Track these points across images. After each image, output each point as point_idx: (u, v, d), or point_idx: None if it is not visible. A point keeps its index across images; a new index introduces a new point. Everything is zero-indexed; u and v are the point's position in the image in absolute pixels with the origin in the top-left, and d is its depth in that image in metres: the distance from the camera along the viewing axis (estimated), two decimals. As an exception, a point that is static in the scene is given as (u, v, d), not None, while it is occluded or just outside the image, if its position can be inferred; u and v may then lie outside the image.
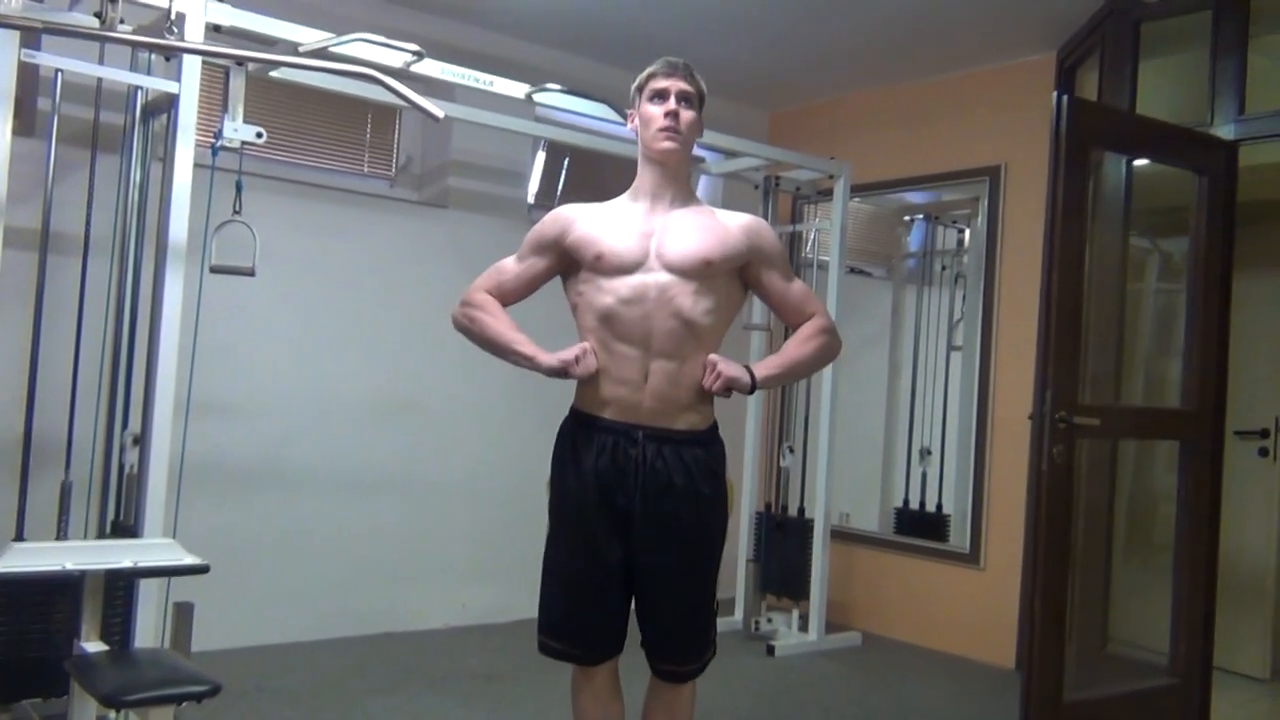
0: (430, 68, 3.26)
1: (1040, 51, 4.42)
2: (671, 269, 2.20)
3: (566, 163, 4.85)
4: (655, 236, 2.23)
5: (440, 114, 2.57)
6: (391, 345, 4.26)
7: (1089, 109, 3.21)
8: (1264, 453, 4.39)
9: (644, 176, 2.32)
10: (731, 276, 2.29)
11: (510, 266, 2.39)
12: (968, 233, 5.39)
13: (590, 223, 2.28)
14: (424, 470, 4.34)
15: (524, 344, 2.27)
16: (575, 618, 2.25)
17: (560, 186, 4.81)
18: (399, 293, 4.26)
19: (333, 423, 4.10)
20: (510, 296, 2.38)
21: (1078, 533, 3.22)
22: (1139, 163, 3.71)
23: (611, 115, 3.58)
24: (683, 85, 2.28)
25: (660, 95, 2.27)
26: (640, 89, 2.32)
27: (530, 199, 4.71)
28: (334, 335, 4.11)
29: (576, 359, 2.19)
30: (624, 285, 2.19)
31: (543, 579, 2.31)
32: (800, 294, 2.39)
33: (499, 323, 2.32)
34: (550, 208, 4.75)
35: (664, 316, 2.18)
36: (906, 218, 5.61)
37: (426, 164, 4.51)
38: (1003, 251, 4.54)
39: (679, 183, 2.32)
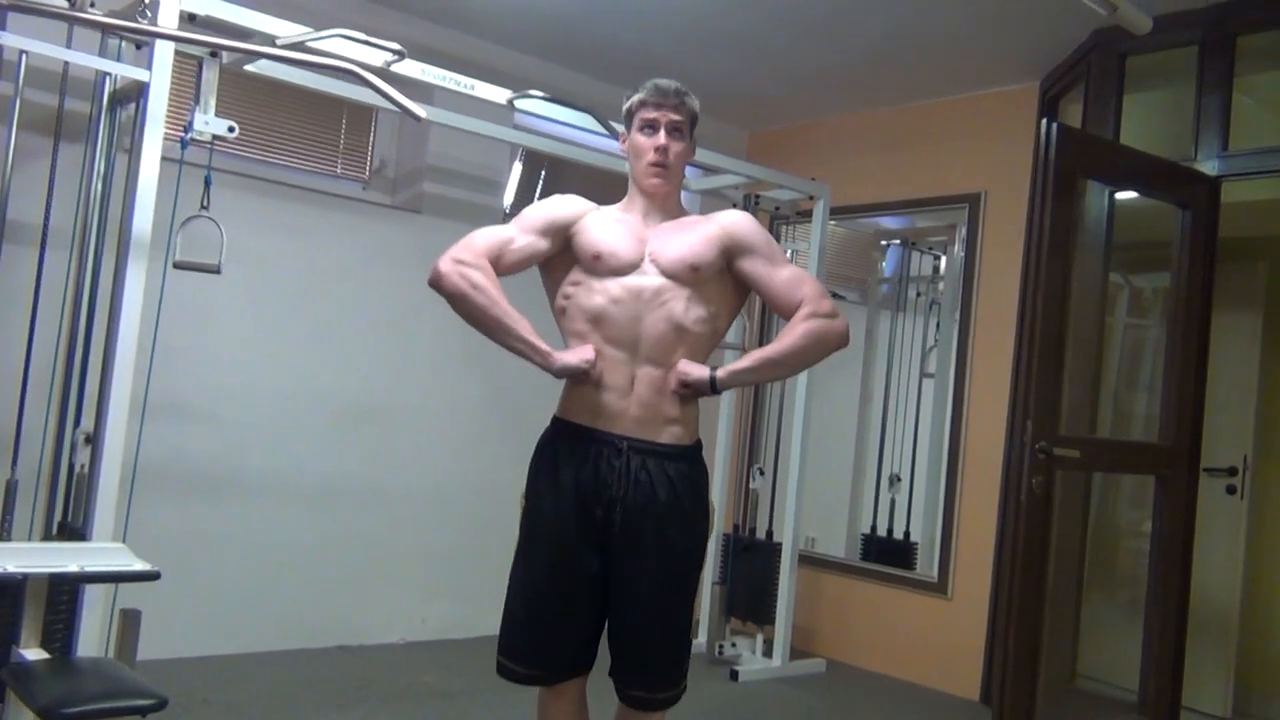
0: (410, 68, 3.18)
1: (1023, 81, 4.42)
2: (665, 273, 2.16)
3: (543, 173, 4.78)
4: (649, 243, 2.21)
5: (423, 114, 2.51)
6: (358, 350, 4.16)
7: (1077, 137, 3.20)
8: (1231, 490, 4.40)
9: (635, 199, 2.31)
10: (724, 281, 2.24)
11: (514, 239, 2.22)
12: (943, 260, 5.38)
13: (594, 220, 2.24)
14: (387, 479, 4.24)
15: (534, 335, 2.13)
16: (540, 635, 2.17)
17: (536, 196, 4.74)
18: (368, 297, 4.17)
19: (294, 428, 3.99)
20: (505, 271, 2.21)
21: (1049, 565, 3.18)
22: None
23: (594, 125, 3.52)
24: (673, 116, 2.24)
25: (650, 126, 2.24)
26: (631, 114, 2.28)
27: (506, 207, 4.64)
28: (299, 338, 4.01)
29: (592, 362, 2.12)
30: (617, 285, 2.16)
31: (507, 598, 2.23)
32: (787, 280, 2.21)
33: (504, 301, 2.14)
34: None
35: (655, 319, 2.14)
36: (883, 242, 5.60)
37: (401, 168, 4.42)
38: (979, 280, 4.52)
39: (669, 205, 2.30)
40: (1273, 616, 4.41)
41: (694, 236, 2.21)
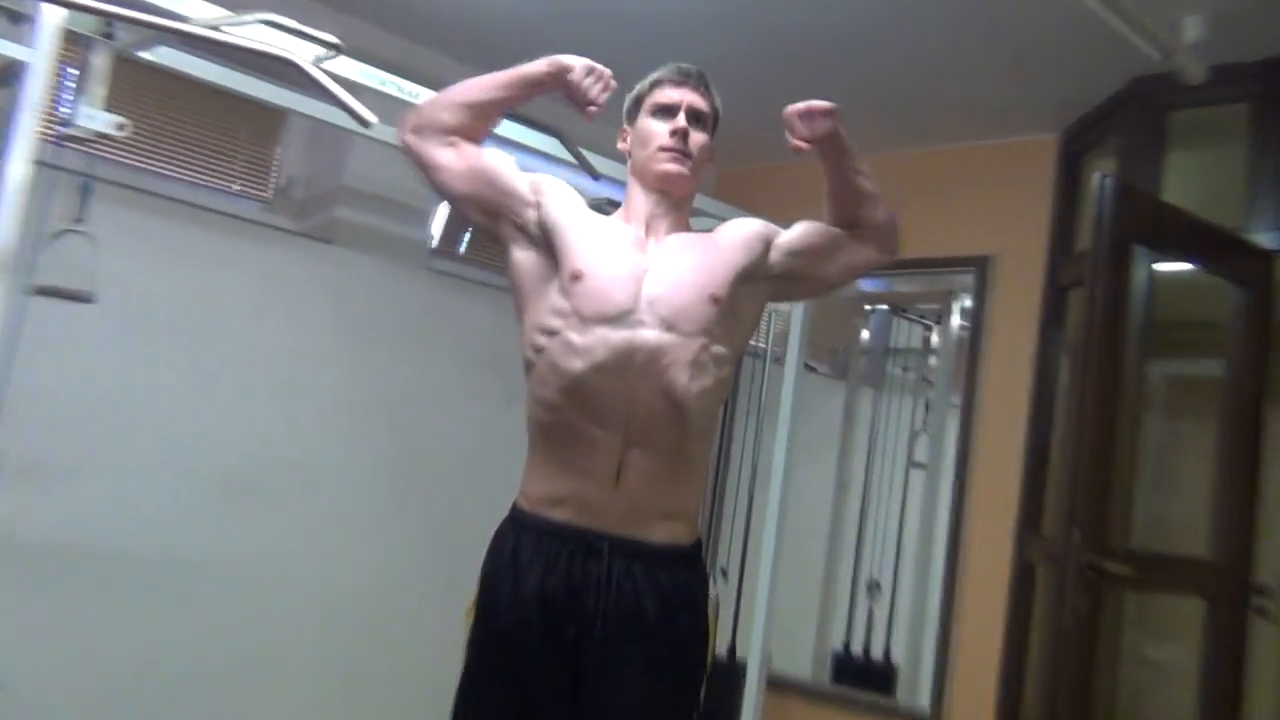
0: (346, 67, 3.03)
1: (1040, 131, 4.43)
2: (667, 323, 2.00)
3: (479, 204, 4.66)
4: (649, 276, 2.05)
5: (373, 119, 2.40)
6: (253, 404, 3.94)
7: (1137, 200, 3.18)
8: (1261, 612, 4.37)
9: (635, 202, 2.18)
10: (754, 301, 2.18)
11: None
12: (934, 331, 5.36)
13: (585, 222, 2.11)
14: (280, 566, 3.99)
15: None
16: None
17: (469, 231, 4.61)
18: (267, 340, 3.97)
19: (169, 496, 3.74)
20: (473, 157, 2.17)
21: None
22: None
23: (561, 153, 3.42)
24: (695, 100, 2.17)
25: (666, 111, 2.15)
26: (639, 100, 2.19)
27: (433, 242, 4.52)
28: (182, 386, 3.78)
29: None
30: (602, 345, 1.97)
31: None
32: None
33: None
34: (455, 255, 4.59)
35: (649, 393, 1.98)
36: (867, 307, 5.55)
37: (312, 188, 4.26)
38: (986, 358, 4.48)
39: (679, 213, 2.18)
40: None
41: (706, 262, 2.10)
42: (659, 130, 2.14)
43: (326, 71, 2.54)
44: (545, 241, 2.09)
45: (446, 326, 4.43)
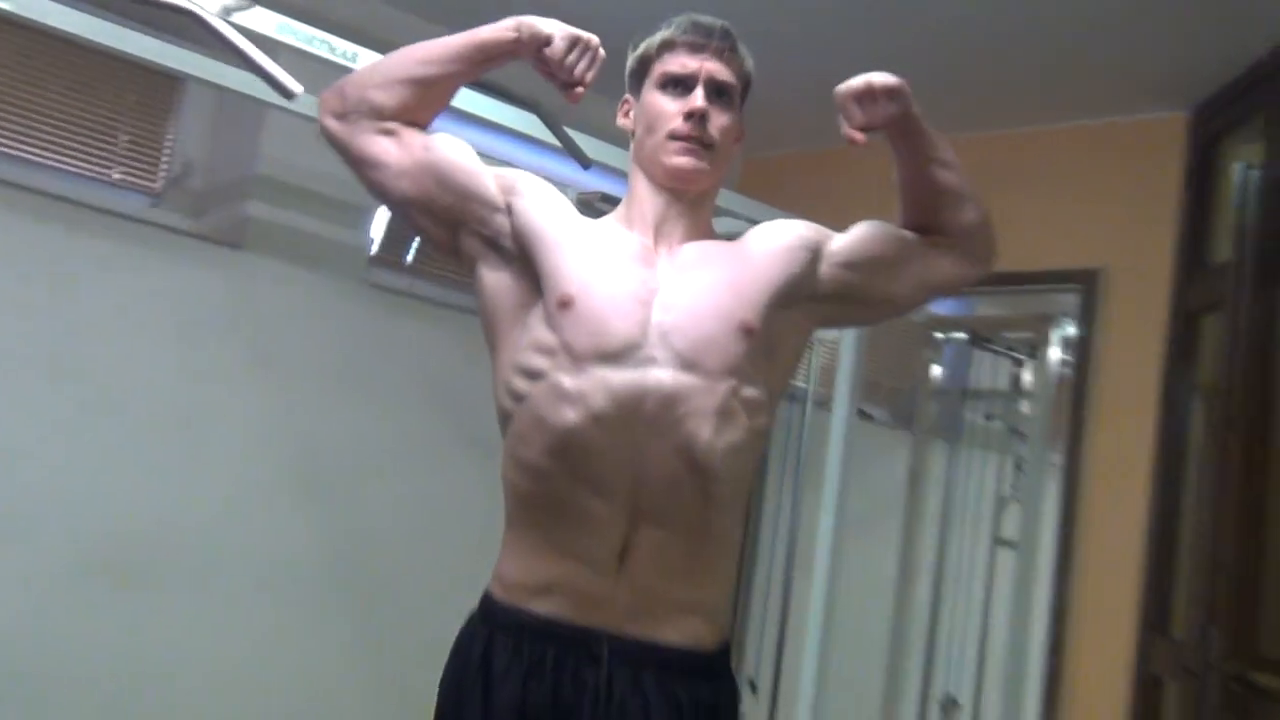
0: (262, 20, 3.04)
1: (1163, 108, 4.45)
2: (685, 361, 1.97)
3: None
4: (660, 298, 2.03)
5: (298, 88, 2.42)
6: (136, 461, 3.94)
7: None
8: None
9: (641, 199, 2.17)
10: (797, 330, 2.16)
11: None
12: (1026, 367, 5.38)
13: (567, 227, 2.10)
14: (171, 676, 3.97)
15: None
16: None
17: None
18: (154, 375, 3.97)
19: (17, 584, 3.71)
20: (412, 145, 2.15)
21: None
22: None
23: (540, 131, 3.43)
24: (717, 70, 2.15)
25: (679, 84, 2.13)
26: (646, 65, 2.18)
27: (373, 248, 4.54)
28: (39, 435, 3.77)
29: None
30: (601, 390, 1.94)
31: None
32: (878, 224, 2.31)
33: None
34: (398, 265, 4.61)
35: (663, 452, 1.95)
36: (937, 335, 5.57)
37: (215, 176, 4.28)
38: (1096, 401, 4.48)
39: (697, 214, 2.17)
40: None
41: (741, 269, 2.09)
42: (670, 110, 2.11)
43: (236, 25, 2.55)
44: (522, 257, 2.08)
45: (392, 358, 4.44)
